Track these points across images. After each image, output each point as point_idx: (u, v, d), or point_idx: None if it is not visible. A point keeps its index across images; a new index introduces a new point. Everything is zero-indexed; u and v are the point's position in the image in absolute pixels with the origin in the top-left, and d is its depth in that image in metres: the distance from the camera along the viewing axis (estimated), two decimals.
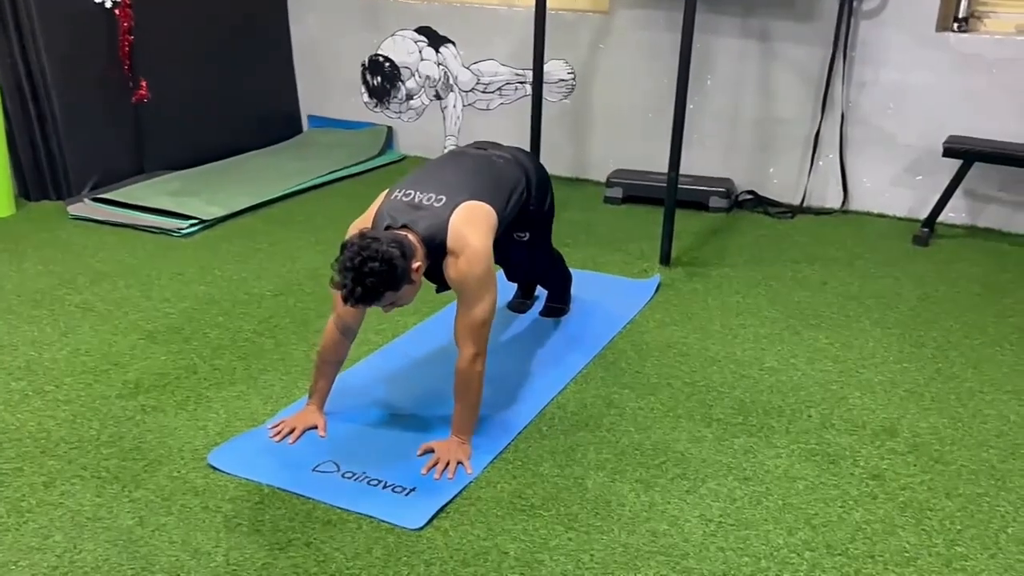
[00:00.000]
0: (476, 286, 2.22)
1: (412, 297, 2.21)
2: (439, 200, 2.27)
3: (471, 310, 2.24)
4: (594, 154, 5.01)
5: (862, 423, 2.57)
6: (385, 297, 2.11)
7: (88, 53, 4.30)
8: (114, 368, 2.74)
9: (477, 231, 2.25)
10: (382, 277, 2.05)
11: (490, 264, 2.25)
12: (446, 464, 2.25)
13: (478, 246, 2.22)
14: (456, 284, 2.25)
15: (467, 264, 2.20)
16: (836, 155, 4.51)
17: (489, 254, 2.25)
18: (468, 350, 2.26)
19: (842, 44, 4.32)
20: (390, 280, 2.07)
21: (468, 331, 2.25)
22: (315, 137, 5.56)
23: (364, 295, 2.06)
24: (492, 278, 2.26)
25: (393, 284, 2.09)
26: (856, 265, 3.83)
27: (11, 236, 3.83)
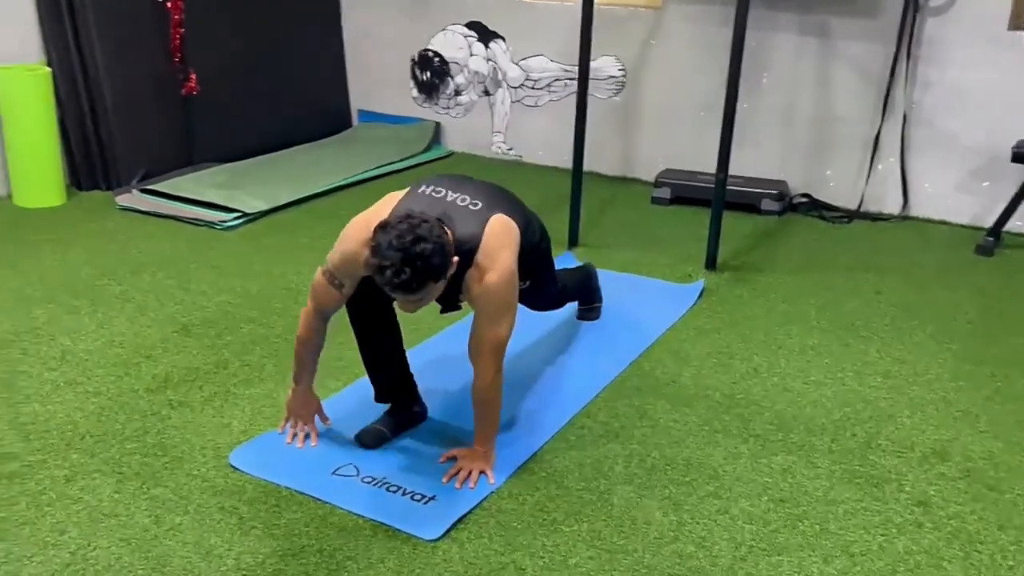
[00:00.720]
0: (502, 306, 2.10)
1: (435, 296, 2.04)
2: (475, 204, 2.14)
3: (493, 329, 2.11)
4: (643, 153, 4.90)
5: (910, 444, 2.43)
6: (425, 288, 1.93)
7: (140, 45, 4.34)
8: (146, 361, 2.74)
9: (509, 249, 2.11)
10: (431, 263, 1.89)
11: (515, 285, 2.13)
12: (468, 473, 2.19)
13: (506, 265, 2.08)
14: (479, 300, 2.10)
15: (497, 282, 2.06)
16: (897, 158, 4.32)
17: (515, 273, 2.12)
18: (487, 370, 2.14)
19: (906, 42, 4.13)
20: (439, 268, 1.92)
21: (487, 350, 2.12)
22: (363, 132, 5.54)
23: (407, 281, 1.88)
24: (515, 299, 2.14)
25: (439, 273, 1.93)
26: (913, 274, 3.65)
27: (60, 225, 3.88)
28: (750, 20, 4.24)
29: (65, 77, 4.19)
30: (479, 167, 5.10)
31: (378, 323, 2.31)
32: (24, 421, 2.39)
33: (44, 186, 4.10)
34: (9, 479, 2.15)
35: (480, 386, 2.17)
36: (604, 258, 3.75)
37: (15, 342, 2.82)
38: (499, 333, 2.12)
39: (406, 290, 1.92)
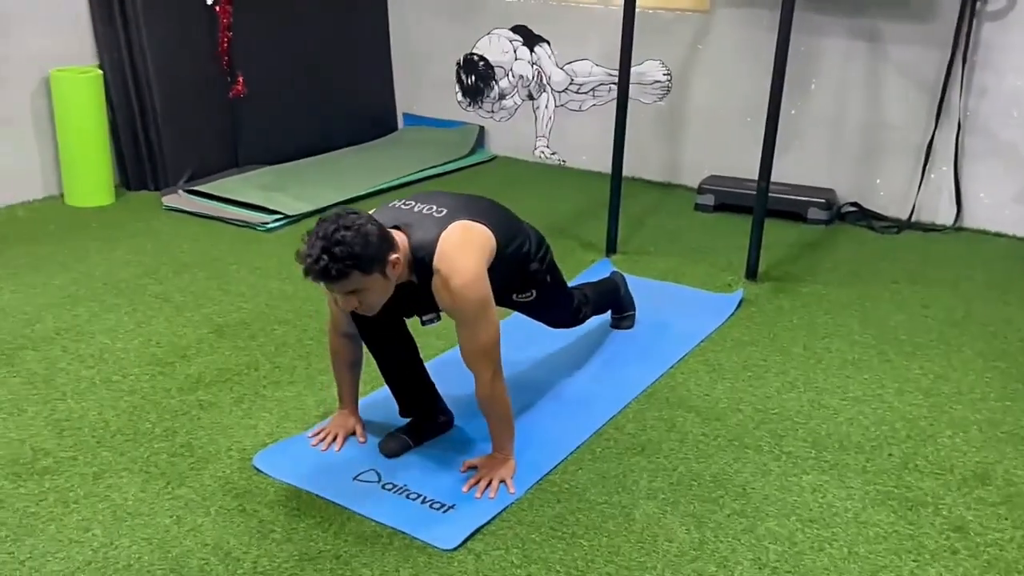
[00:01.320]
0: (472, 312, 2.05)
1: (380, 297, 2.00)
2: (439, 212, 2.11)
3: (475, 336, 2.07)
4: (688, 159, 4.83)
5: (950, 466, 2.34)
6: (351, 279, 1.89)
7: (189, 48, 4.42)
8: (180, 361, 2.78)
9: (467, 253, 2.05)
10: (352, 251, 1.86)
11: (484, 288, 2.06)
12: (488, 482, 2.17)
13: (468, 268, 2.03)
14: (450, 311, 2.08)
15: (460, 288, 2.02)
16: (950, 167, 4.19)
17: (481, 276, 2.06)
18: (483, 375, 2.11)
19: (962, 47, 3.99)
20: (361, 258, 1.88)
21: (477, 357, 2.10)
22: (408, 135, 5.57)
23: (326, 268, 1.86)
24: (488, 301, 2.07)
25: (363, 264, 1.89)
26: (963, 288, 3.53)
27: (108, 225, 3.97)
28: (799, 24, 4.16)
29: (116, 79, 4.29)
30: (522, 171, 5.09)
31: (389, 338, 2.29)
32: (59, 418, 2.44)
33: (95, 186, 4.20)
34: (40, 475, 2.19)
35: (480, 392, 2.15)
36: (643, 266, 3.71)
37: (56, 339, 2.89)
38: (480, 338, 2.07)
39: (325, 277, 1.90)
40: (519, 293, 2.43)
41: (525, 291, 2.43)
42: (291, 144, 4.95)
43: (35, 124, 4.16)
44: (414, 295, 2.13)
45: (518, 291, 2.41)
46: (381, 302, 2.03)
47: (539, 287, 2.44)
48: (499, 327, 2.13)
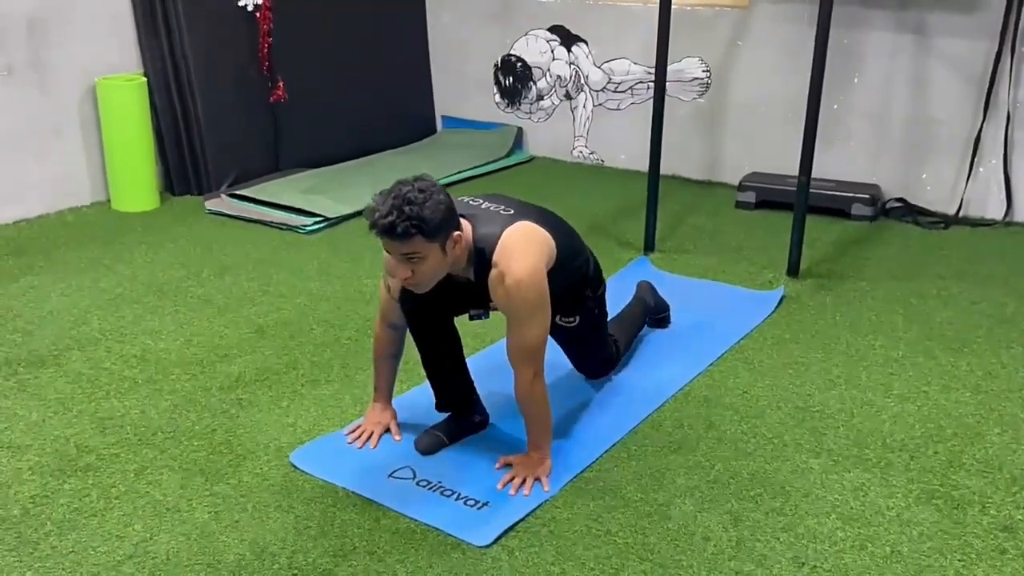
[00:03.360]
0: (526, 311, 2.05)
1: (434, 272, 2.01)
2: (506, 210, 2.14)
3: (523, 335, 2.08)
4: (728, 156, 4.77)
5: (998, 465, 2.27)
6: (413, 241, 1.91)
7: (230, 54, 4.49)
8: (221, 360, 2.82)
9: (528, 251, 2.05)
10: (422, 213, 1.89)
11: (542, 287, 2.06)
12: (523, 480, 2.16)
13: (526, 266, 2.03)
14: (504, 307, 2.08)
15: (516, 285, 2.02)
16: (999, 160, 4.08)
17: (539, 275, 2.06)
18: (524, 374, 2.11)
19: (1010, 38, 3.89)
20: (428, 222, 1.90)
21: (522, 355, 2.10)
22: (447, 137, 5.59)
23: (393, 225, 1.88)
24: (544, 301, 2.07)
25: (428, 229, 1.91)
26: (1014, 284, 3.43)
27: (152, 229, 4.04)
28: (842, 18, 4.11)
29: (160, 87, 4.37)
30: (560, 172, 5.08)
31: (437, 331, 2.31)
32: (103, 416, 2.49)
33: (140, 191, 4.28)
34: (84, 471, 2.24)
35: (520, 390, 2.15)
36: (682, 264, 3.67)
37: (101, 340, 2.95)
38: (528, 337, 2.07)
39: (390, 233, 1.91)
40: (564, 316, 2.41)
41: (571, 315, 2.42)
42: (331, 147, 5.00)
43: (82, 132, 4.26)
44: (468, 290, 2.14)
45: (564, 313, 2.40)
46: (433, 279, 2.03)
47: (585, 316, 2.44)
48: (548, 331, 2.12)
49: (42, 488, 2.17)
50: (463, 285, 2.15)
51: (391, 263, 2.06)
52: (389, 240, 1.95)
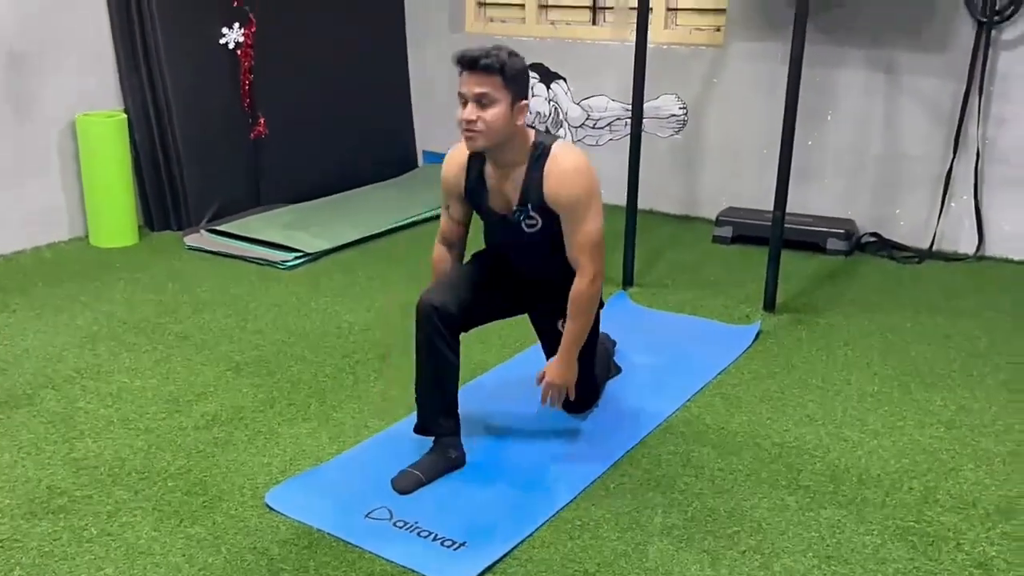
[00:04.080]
0: (585, 198, 2.24)
1: (497, 126, 2.18)
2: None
3: (585, 227, 2.26)
4: (706, 191, 4.83)
5: (972, 501, 2.29)
6: (493, 78, 2.14)
7: (211, 91, 4.51)
8: (197, 399, 2.80)
9: (581, 155, 2.29)
10: (512, 62, 2.16)
11: (596, 180, 2.29)
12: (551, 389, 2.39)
13: (582, 159, 2.27)
14: (564, 199, 2.25)
15: (574, 171, 2.23)
16: (971, 196, 4.15)
17: (592, 171, 2.28)
18: (589, 269, 2.29)
19: (978, 77, 3.98)
20: (513, 70, 2.16)
21: (586, 249, 2.28)
22: (428, 172, 5.62)
23: (484, 55, 2.14)
24: (598, 193, 2.29)
25: (510, 76, 2.15)
26: (986, 318, 3.48)
27: (131, 265, 4.03)
28: (815, 56, 4.19)
29: (141, 123, 4.38)
30: None
31: (449, 345, 2.33)
32: (76, 457, 2.46)
33: (118, 227, 4.27)
34: (55, 514, 2.21)
35: (582, 288, 2.30)
36: (660, 298, 3.70)
37: (77, 379, 2.92)
38: (591, 228, 2.27)
39: (479, 61, 2.14)
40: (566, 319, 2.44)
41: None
42: (312, 182, 5.01)
43: (62, 168, 4.25)
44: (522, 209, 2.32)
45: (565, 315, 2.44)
46: (492, 133, 2.19)
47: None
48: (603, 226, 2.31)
49: (12, 531, 2.14)
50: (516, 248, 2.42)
51: (460, 112, 2.21)
52: (470, 73, 2.17)
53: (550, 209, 2.31)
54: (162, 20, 4.29)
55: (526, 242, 2.40)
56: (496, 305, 2.52)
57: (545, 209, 2.31)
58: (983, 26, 3.92)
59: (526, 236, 2.38)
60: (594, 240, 2.28)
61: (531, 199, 2.31)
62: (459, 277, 2.46)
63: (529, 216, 2.34)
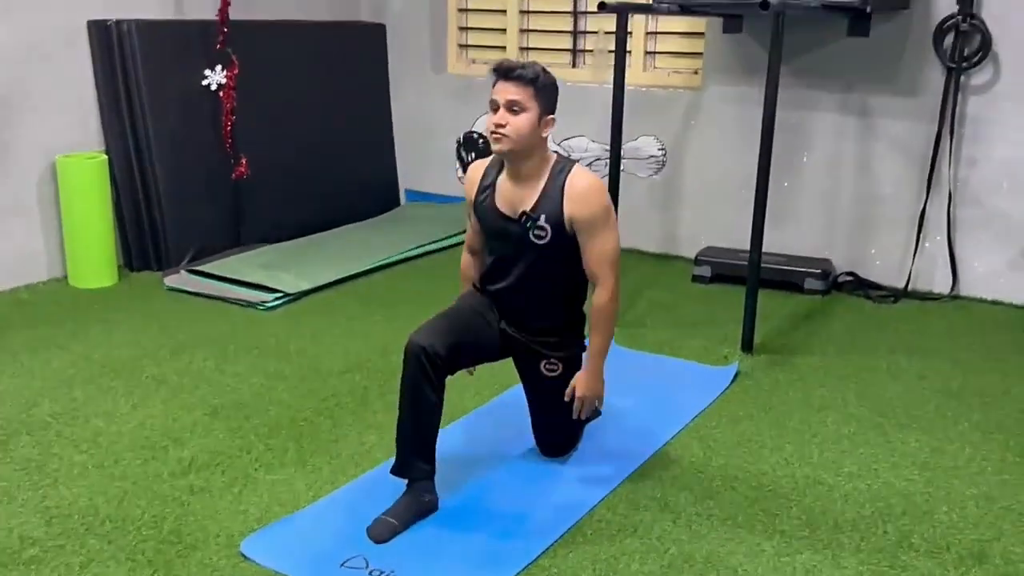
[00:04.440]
0: (602, 215, 2.36)
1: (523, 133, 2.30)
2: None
3: (604, 242, 2.38)
4: (684, 230, 4.88)
5: (946, 544, 2.30)
6: (526, 89, 2.28)
7: (192, 132, 4.53)
8: (173, 444, 2.79)
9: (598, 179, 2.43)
10: (545, 77, 2.32)
11: (609, 201, 2.41)
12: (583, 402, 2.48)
13: (599, 180, 2.41)
14: (587, 213, 2.35)
15: (591, 189, 2.35)
16: (944, 237, 4.21)
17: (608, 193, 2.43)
18: (608, 283, 2.40)
19: (948, 120, 4.06)
20: (545, 85, 2.31)
21: (605, 264, 2.39)
22: (410, 211, 5.66)
23: (521, 66, 2.30)
24: (613, 214, 2.42)
25: (541, 89, 2.30)
26: (960, 358, 3.52)
27: (109, 306, 4.01)
28: (789, 99, 4.27)
29: (121, 164, 4.39)
30: None
31: (434, 387, 2.34)
32: (49, 505, 2.44)
33: (98, 268, 4.26)
34: (26, 565, 2.18)
35: (603, 302, 2.41)
36: (639, 339, 3.72)
37: (51, 424, 2.90)
38: (608, 244, 2.39)
39: (515, 70, 2.29)
40: (549, 359, 2.52)
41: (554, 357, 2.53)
42: (294, 222, 5.03)
43: (41, 209, 4.25)
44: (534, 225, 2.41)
45: (553, 349, 2.52)
46: (518, 138, 2.31)
47: (567, 363, 2.54)
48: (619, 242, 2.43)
49: None
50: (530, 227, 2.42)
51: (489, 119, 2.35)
52: (505, 81, 2.30)
53: (564, 226, 2.38)
54: (144, 62, 4.33)
55: (528, 260, 2.44)
56: (483, 348, 2.54)
57: (559, 225, 2.38)
58: (952, 72, 4.01)
59: (529, 252, 2.43)
60: (612, 255, 2.41)
61: (547, 210, 2.39)
62: (448, 318, 2.47)
63: (539, 226, 2.40)
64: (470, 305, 2.57)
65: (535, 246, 2.42)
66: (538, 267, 2.46)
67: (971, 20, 3.92)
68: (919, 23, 4.07)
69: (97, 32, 4.30)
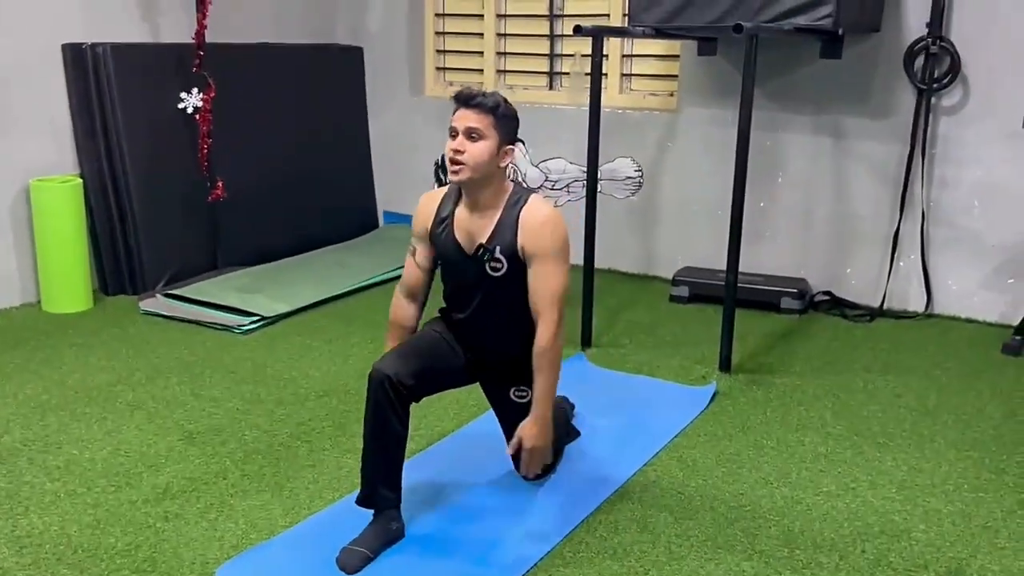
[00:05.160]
0: (554, 248, 2.31)
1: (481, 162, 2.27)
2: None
3: (552, 276, 2.32)
4: (662, 251, 4.90)
5: (923, 563, 2.31)
6: (486, 118, 2.26)
7: (168, 154, 4.51)
8: (148, 471, 2.75)
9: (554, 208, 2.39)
10: (505, 107, 2.29)
11: (565, 233, 2.36)
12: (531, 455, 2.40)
13: (556, 211, 2.37)
14: (532, 245, 2.32)
15: (548, 221, 2.31)
16: (918, 256, 4.26)
17: (564, 225, 2.36)
18: (552, 317, 2.33)
19: (920, 141, 4.12)
20: (505, 115, 2.29)
21: (550, 299, 2.33)
22: (387, 232, 5.65)
23: (480, 94, 2.28)
24: (567, 248, 2.36)
25: (501, 119, 2.28)
26: (935, 376, 3.55)
27: (84, 331, 3.97)
28: (764, 121, 4.32)
29: (96, 187, 4.36)
30: None
31: (400, 416, 2.31)
32: (20, 534, 2.39)
33: (72, 292, 4.21)
34: None
35: (544, 339, 2.33)
36: (618, 359, 3.73)
37: (23, 451, 2.86)
38: (556, 279, 2.33)
39: (475, 98, 2.27)
40: (518, 388, 2.50)
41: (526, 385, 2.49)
42: (272, 245, 5.01)
43: (15, 233, 4.21)
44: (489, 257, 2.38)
45: (519, 382, 2.49)
46: (475, 167, 2.28)
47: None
48: (569, 279, 2.36)
49: None
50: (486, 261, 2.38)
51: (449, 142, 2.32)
52: (467, 109, 2.28)
53: (518, 256, 2.36)
54: (120, 85, 4.31)
55: (485, 290, 2.42)
56: (449, 375, 2.52)
57: (514, 256, 2.36)
58: (923, 93, 4.07)
59: (486, 282, 2.40)
60: (558, 292, 2.34)
61: (502, 241, 2.36)
62: (413, 346, 2.46)
63: (495, 258, 2.37)
64: (435, 331, 2.54)
65: (492, 278, 2.40)
66: (496, 297, 2.42)
67: (940, 43, 3.99)
68: (890, 45, 4.14)
69: (72, 55, 4.28)
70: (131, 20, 4.54)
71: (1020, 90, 3.92)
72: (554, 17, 5.05)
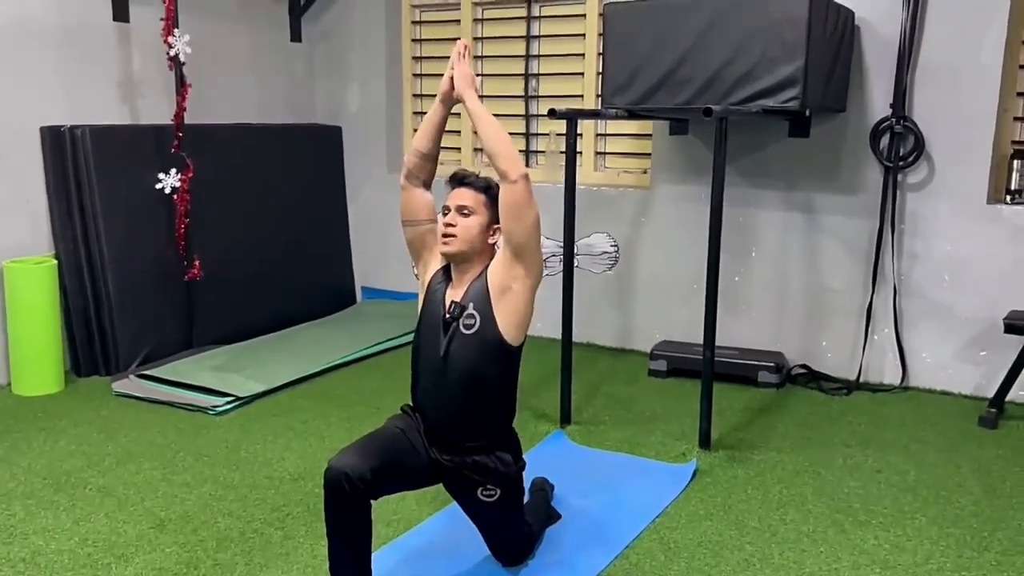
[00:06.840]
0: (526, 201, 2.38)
1: (470, 237, 2.40)
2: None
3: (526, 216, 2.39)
4: (640, 325, 4.92)
5: None
6: (478, 196, 2.42)
7: (145, 234, 4.50)
8: (116, 561, 2.67)
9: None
10: (491, 183, 2.44)
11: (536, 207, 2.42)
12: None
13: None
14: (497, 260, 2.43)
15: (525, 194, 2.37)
16: (892, 329, 4.30)
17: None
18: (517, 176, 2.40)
19: (889, 216, 4.20)
20: (494, 192, 2.42)
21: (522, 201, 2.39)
22: (366, 308, 5.64)
23: (470, 176, 2.47)
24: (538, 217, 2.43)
25: (492, 196, 2.42)
26: (913, 450, 3.55)
27: (54, 414, 3.90)
28: (736, 197, 4.41)
29: (71, 268, 4.34)
30: None
31: (357, 509, 2.24)
32: None
33: (43, 374, 4.15)
34: None
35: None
36: (598, 436, 3.70)
37: None
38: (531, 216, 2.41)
39: (466, 178, 2.47)
40: (485, 488, 2.44)
41: (494, 484, 2.44)
42: (249, 322, 4.98)
43: None
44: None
45: (487, 475, 2.43)
46: (464, 241, 2.41)
47: (505, 485, 2.45)
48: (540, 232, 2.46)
49: None
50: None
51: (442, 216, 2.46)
52: (458, 187, 2.45)
53: (489, 302, 2.39)
54: (98, 167, 4.32)
55: (456, 353, 2.39)
56: (410, 473, 2.44)
57: (487, 308, 2.39)
58: (890, 170, 4.17)
59: (456, 340, 2.39)
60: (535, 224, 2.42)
61: (474, 298, 2.42)
62: (371, 440, 2.39)
63: (468, 314, 2.40)
64: (397, 427, 2.47)
65: (464, 337, 2.40)
66: (468, 365, 2.40)
67: (904, 122, 4.11)
68: (856, 124, 4.25)
69: (51, 137, 4.30)
70: (111, 102, 4.59)
71: (981, 167, 4.03)
72: (529, 98, 5.16)
